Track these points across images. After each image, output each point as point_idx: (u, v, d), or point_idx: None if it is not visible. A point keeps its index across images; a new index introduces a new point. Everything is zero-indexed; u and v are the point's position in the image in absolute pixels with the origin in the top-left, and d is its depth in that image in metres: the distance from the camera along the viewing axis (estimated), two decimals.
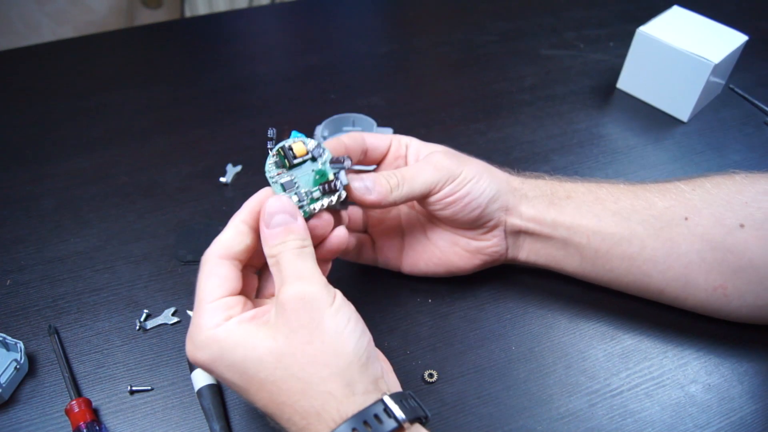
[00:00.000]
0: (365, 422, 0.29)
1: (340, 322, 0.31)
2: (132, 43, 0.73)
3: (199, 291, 0.33)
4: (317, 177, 0.37)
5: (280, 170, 0.37)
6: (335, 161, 0.37)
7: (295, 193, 0.37)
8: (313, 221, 0.36)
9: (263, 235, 0.34)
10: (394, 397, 0.30)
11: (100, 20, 1.31)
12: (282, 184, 0.36)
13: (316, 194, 0.37)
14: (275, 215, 0.34)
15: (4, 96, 0.64)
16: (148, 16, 1.37)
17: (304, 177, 0.37)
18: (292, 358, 0.30)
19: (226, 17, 0.79)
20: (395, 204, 0.38)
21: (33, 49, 0.70)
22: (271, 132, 0.36)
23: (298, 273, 0.32)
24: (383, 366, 0.33)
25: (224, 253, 0.34)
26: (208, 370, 0.32)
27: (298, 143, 0.36)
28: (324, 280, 0.32)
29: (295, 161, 0.36)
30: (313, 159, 0.37)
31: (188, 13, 1.39)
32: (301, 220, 0.34)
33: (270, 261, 0.33)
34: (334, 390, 0.29)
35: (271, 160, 0.36)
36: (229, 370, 0.31)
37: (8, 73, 0.67)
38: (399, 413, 0.29)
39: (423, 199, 0.39)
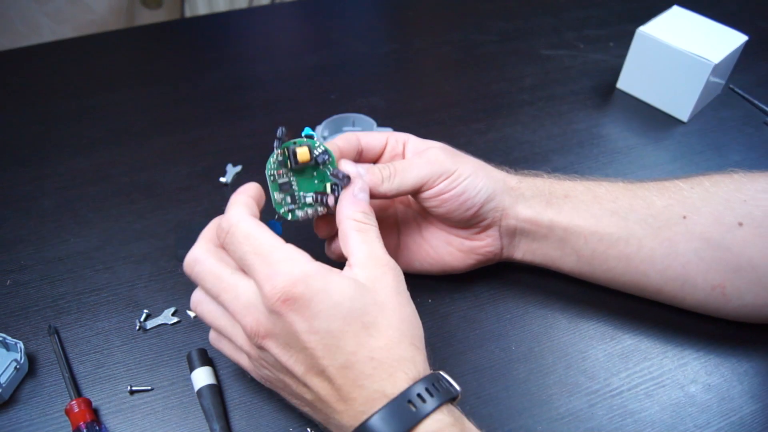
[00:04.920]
0: (434, 384, 0.30)
1: (413, 308, 0.34)
2: (132, 43, 0.73)
3: (259, 239, 0.32)
4: (316, 182, 0.37)
5: (281, 170, 0.36)
6: (335, 174, 0.36)
7: (289, 195, 0.37)
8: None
9: (347, 198, 0.36)
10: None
11: (99, 20, 1.30)
12: (280, 185, 0.36)
13: (309, 200, 0.37)
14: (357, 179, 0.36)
15: (4, 96, 0.64)
16: (148, 16, 1.37)
17: (304, 180, 0.37)
18: (392, 314, 0.32)
19: (226, 17, 0.79)
20: (386, 196, 0.38)
21: (33, 49, 0.70)
22: (280, 132, 0.35)
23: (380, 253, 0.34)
24: None
25: (254, 213, 0.35)
26: (302, 306, 0.30)
27: (303, 149, 0.36)
28: None
29: (296, 167, 0.36)
30: (317, 164, 0.36)
31: (188, 13, 1.39)
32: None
33: (351, 224, 0.34)
34: (410, 355, 0.31)
35: (274, 158, 0.36)
36: (332, 309, 0.30)
37: (8, 73, 0.67)
38: (456, 386, 0.32)
39: (416, 193, 0.39)
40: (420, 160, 0.39)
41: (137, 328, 0.43)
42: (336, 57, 0.69)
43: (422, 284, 0.45)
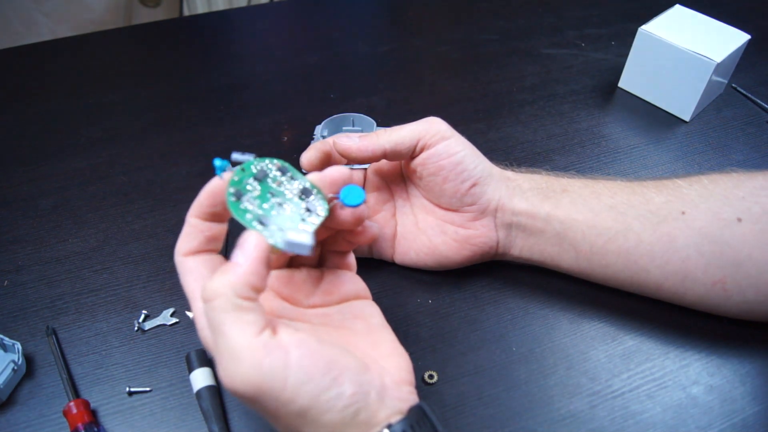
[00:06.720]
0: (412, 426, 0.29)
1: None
2: (130, 42, 0.73)
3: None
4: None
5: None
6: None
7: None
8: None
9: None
10: (394, 429, 0.29)
11: (98, 19, 1.30)
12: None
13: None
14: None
15: (2, 95, 0.64)
16: (146, 15, 1.37)
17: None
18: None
19: (224, 16, 0.78)
20: (385, 152, 0.39)
21: (31, 47, 0.70)
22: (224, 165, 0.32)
23: None
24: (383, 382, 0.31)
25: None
26: (251, 402, 0.29)
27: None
28: None
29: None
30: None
31: (187, 12, 1.39)
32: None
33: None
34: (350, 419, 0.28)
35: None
36: (283, 407, 0.28)
37: (6, 72, 0.67)
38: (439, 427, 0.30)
39: (414, 154, 0.40)
40: (419, 121, 0.41)
41: (136, 328, 0.43)
42: (336, 56, 0.69)
43: (423, 285, 0.45)
